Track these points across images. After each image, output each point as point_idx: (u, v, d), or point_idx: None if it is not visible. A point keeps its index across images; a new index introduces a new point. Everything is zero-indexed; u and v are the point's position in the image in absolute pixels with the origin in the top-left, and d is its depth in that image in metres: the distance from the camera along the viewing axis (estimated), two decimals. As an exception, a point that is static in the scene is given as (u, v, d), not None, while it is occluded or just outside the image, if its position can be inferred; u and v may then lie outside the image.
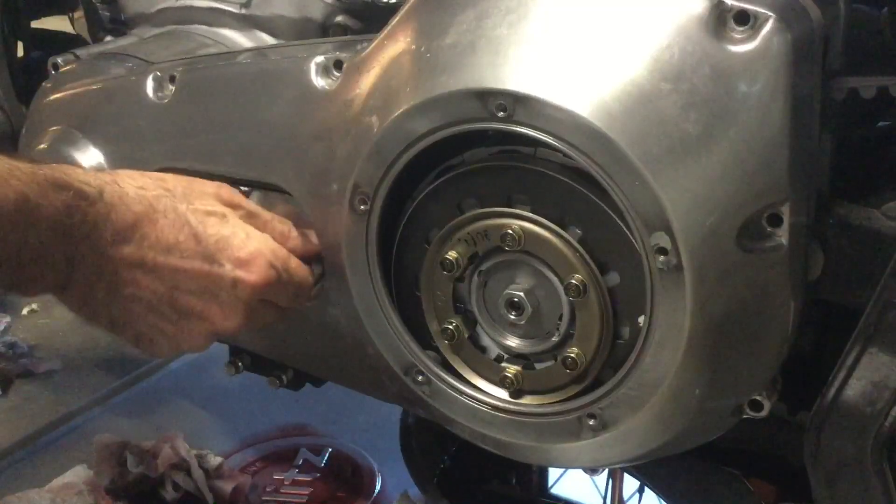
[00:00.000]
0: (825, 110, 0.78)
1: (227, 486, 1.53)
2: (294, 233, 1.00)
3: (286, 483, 1.64)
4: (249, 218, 0.95)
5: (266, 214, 0.98)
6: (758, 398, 0.85)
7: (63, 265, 0.80)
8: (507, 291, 0.90)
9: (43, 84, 1.29)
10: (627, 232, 0.80)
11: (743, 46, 0.73)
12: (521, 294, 0.89)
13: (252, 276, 0.90)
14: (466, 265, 0.91)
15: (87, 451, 1.62)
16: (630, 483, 1.49)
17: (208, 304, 0.89)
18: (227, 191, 0.96)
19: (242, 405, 1.85)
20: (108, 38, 1.44)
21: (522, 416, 0.93)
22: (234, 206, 0.95)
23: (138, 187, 0.86)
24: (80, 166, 1.17)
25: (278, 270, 0.93)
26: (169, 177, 0.93)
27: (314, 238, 1.01)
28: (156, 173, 0.94)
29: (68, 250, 0.79)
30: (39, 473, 1.63)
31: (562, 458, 0.96)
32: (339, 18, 1.21)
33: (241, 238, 0.91)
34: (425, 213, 0.92)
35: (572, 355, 0.87)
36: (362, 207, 0.92)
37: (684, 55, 0.74)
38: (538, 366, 0.92)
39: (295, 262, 0.96)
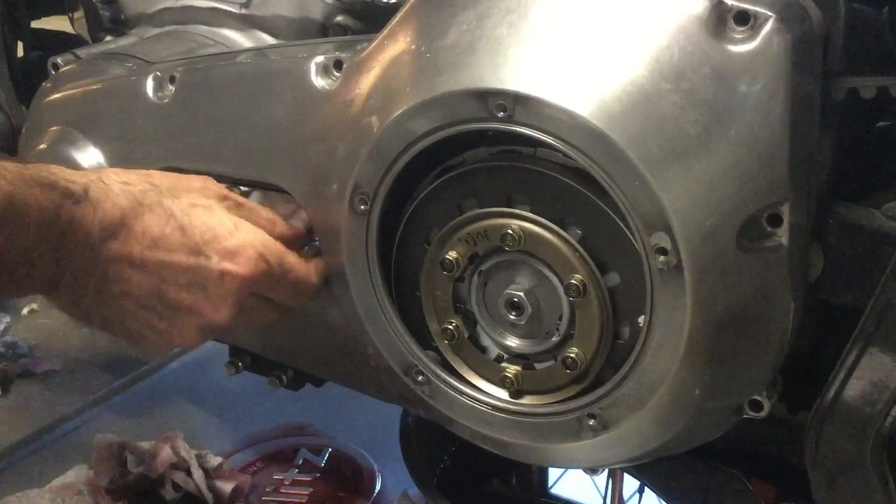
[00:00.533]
0: (825, 110, 0.78)
1: (227, 486, 1.53)
2: (280, 220, 0.99)
3: (286, 483, 1.64)
4: (236, 209, 0.94)
5: (250, 204, 0.98)
6: (758, 398, 0.85)
7: (51, 265, 0.79)
8: (507, 291, 0.90)
9: (43, 84, 1.29)
10: (627, 232, 0.80)
11: (743, 46, 0.73)
12: (521, 294, 0.89)
13: (239, 267, 0.89)
14: (466, 265, 0.91)
15: (87, 451, 1.62)
16: (630, 483, 1.49)
17: (197, 297, 0.88)
18: (212, 184, 0.95)
19: (242, 405, 1.85)
20: (108, 38, 1.44)
21: (522, 417, 0.93)
22: (220, 198, 0.94)
23: (123, 183, 0.86)
24: (79, 166, 1.17)
25: (270, 263, 0.91)
26: (155, 173, 0.92)
27: (299, 224, 1.00)
28: (142, 170, 0.93)
29: (56, 249, 0.79)
30: (39, 473, 1.62)
31: (562, 458, 0.96)
32: (339, 18, 1.21)
33: (228, 229, 0.90)
34: (425, 213, 0.92)
35: (572, 355, 0.87)
36: (362, 207, 0.92)
37: (684, 55, 0.74)
38: (538, 366, 0.92)
39: (293, 258, 0.95)
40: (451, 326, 0.94)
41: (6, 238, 0.74)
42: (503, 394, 0.95)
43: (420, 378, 0.99)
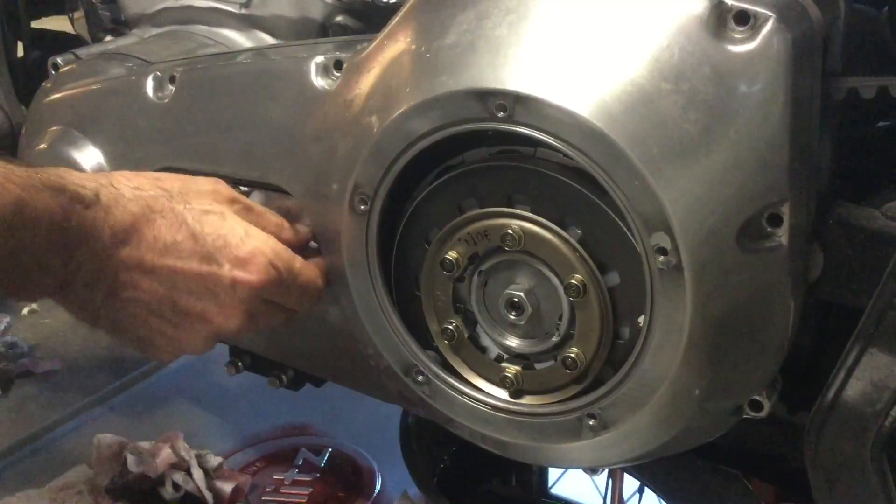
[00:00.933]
0: (825, 110, 0.78)
1: (227, 486, 1.53)
2: (287, 224, 0.99)
3: (286, 483, 1.64)
4: (246, 213, 0.95)
5: (259, 208, 0.98)
6: (758, 398, 0.85)
7: (61, 269, 0.79)
8: (507, 291, 0.90)
9: (43, 84, 1.29)
10: (627, 232, 0.80)
11: (743, 46, 0.73)
12: (521, 294, 0.89)
13: (251, 275, 0.89)
14: (466, 265, 0.91)
15: (87, 451, 1.62)
16: (630, 483, 1.49)
17: (208, 304, 0.88)
18: (223, 187, 0.96)
19: (242, 405, 1.85)
20: (108, 38, 1.44)
21: (522, 417, 0.93)
22: (230, 202, 0.94)
23: (134, 188, 0.86)
24: (79, 166, 1.17)
25: (280, 270, 0.92)
26: (165, 176, 0.93)
27: (306, 229, 1.00)
28: (151, 173, 0.93)
29: (66, 254, 0.79)
30: (39, 473, 1.63)
31: (562, 458, 0.96)
32: (339, 18, 1.21)
33: (239, 236, 0.90)
34: (425, 213, 0.92)
35: (572, 355, 0.87)
36: (362, 207, 0.92)
37: (684, 55, 0.74)
38: (538, 366, 0.92)
39: (300, 263, 0.96)
40: (451, 326, 0.94)
41: (17, 242, 0.74)
42: (503, 394, 0.95)
43: (420, 378, 0.99)
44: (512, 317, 0.90)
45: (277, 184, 1.03)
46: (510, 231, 0.86)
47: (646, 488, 1.46)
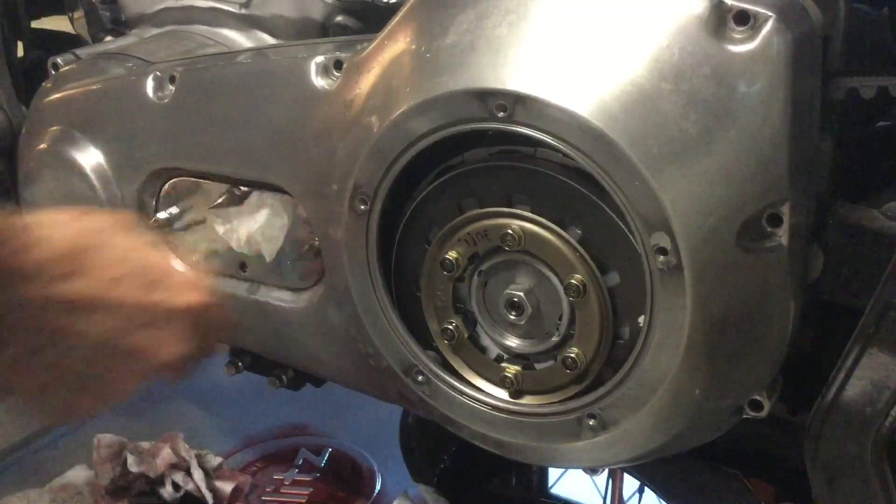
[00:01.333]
0: (825, 110, 0.78)
1: (227, 486, 1.53)
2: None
3: (286, 483, 1.64)
4: None
5: None
6: (758, 398, 0.85)
7: None
8: (507, 291, 0.90)
9: (43, 84, 1.29)
10: (627, 232, 0.80)
11: (743, 46, 0.73)
12: (521, 294, 0.89)
13: None
14: (466, 265, 0.91)
15: (87, 451, 1.62)
16: (630, 483, 1.49)
17: None
18: None
19: (242, 405, 1.85)
20: (108, 38, 1.44)
21: (522, 417, 0.93)
22: None
23: None
24: (80, 166, 1.17)
25: None
26: None
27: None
28: None
29: None
30: (39, 473, 1.62)
31: (562, 458, 0.96)
32: (339, 18, 1.21)
33: None
34: (425, 213, 0.92)
35: (572, 355, 0.87)
36: (362, 207, 0.92)
37: (684, 55, 0.74)
38: (538, 366, 0.92)
39: None
40: (451, 326, 0.94)
41: None
42: (503, 394, 0.95)
43: (420, 378, 0.99)
44: (512, 317, 0.90)
45: (277, 184, 1.03)
46: (510, 231, 0.86)
47: (646, 488, 1.46)
